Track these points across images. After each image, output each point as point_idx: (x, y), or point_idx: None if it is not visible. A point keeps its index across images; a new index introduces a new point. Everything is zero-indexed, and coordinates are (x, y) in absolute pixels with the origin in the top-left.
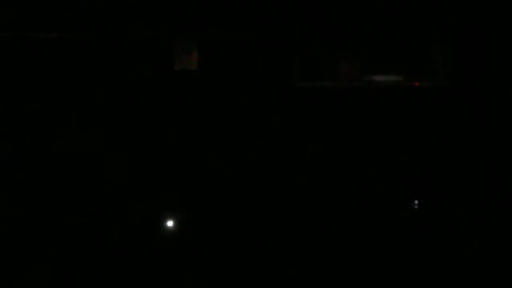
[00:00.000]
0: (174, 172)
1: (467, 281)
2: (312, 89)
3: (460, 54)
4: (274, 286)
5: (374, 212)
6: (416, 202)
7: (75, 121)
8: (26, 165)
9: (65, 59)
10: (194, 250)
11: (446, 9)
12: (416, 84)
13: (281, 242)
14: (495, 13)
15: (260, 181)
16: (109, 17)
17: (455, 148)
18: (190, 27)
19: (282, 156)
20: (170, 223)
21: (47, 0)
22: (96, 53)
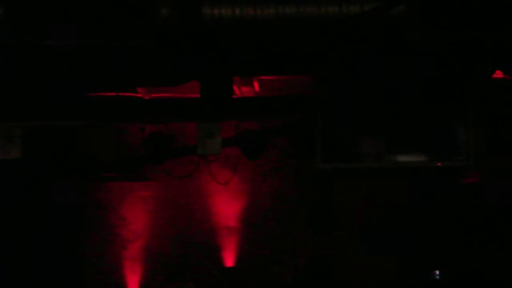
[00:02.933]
0: None
1: None
2: (334, 170)
3: (482, 135)
4: None
5: None
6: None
7: None
8: None
9: None
10: None
11: (466, 93)
12: (439, 164)
13: None
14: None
15: None
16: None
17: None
18: (213, 113)
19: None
20: None
21: None
22: None
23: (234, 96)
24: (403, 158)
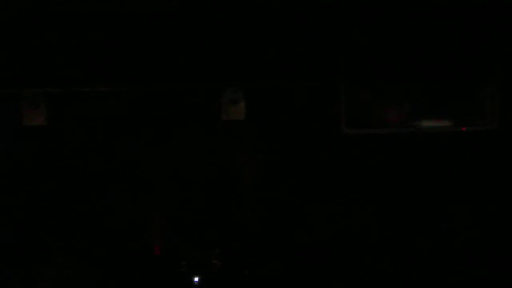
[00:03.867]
0: None
1: None
2: (359, 136)
3: (508, 98)
4: None
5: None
6: None
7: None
8: None
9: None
10: None
11: (492, 54)
12: (464, 129)
13: None
14: None
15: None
16: (156, 70)
17: (505, 191)
18: (237, 78)
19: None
20: None
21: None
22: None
23: None
24: (427, 124)
